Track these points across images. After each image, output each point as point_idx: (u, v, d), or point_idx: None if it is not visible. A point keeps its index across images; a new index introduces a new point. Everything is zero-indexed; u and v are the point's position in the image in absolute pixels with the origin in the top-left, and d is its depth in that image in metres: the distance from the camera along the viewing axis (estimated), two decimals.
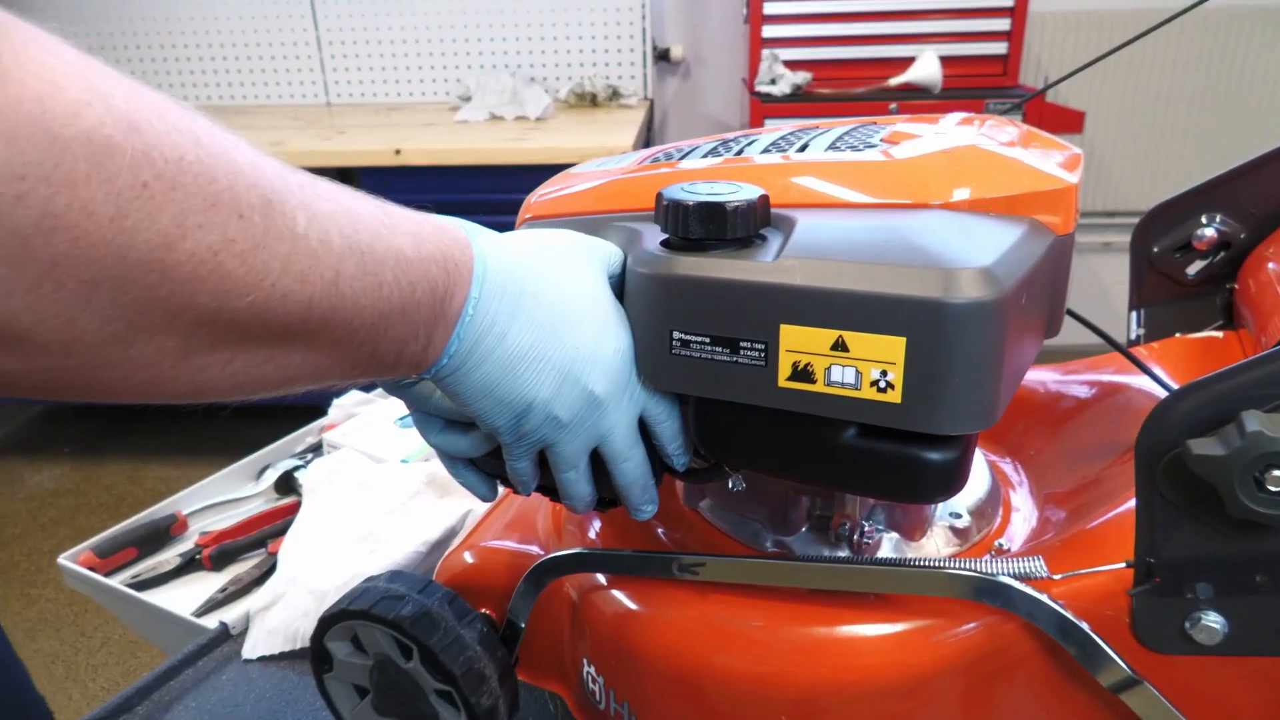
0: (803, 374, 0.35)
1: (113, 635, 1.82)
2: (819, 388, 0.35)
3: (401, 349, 0.35)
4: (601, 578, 0.48)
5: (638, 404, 0.41)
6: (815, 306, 0.34)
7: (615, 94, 2.46)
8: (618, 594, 0.47)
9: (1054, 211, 0.41)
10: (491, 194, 1.90)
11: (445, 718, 0.50)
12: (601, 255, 0.41)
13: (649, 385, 0.40)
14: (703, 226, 0.37)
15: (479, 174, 1.94)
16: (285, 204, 0.29)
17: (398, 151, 1.92)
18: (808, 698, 0.41)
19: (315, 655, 0.53)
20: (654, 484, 0.44)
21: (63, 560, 0.81)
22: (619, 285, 0.42)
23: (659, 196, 0.38)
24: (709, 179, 0.40)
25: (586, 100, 2.44)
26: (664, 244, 0.39)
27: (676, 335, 0.38)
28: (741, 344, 0.36)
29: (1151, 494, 0.34)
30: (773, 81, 2.25)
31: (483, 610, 0.54)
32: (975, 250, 0.34)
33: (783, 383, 0.36)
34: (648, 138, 2.41)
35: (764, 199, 0.37)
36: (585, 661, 0.50)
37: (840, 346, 0.34)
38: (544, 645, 0.53)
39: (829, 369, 0.35)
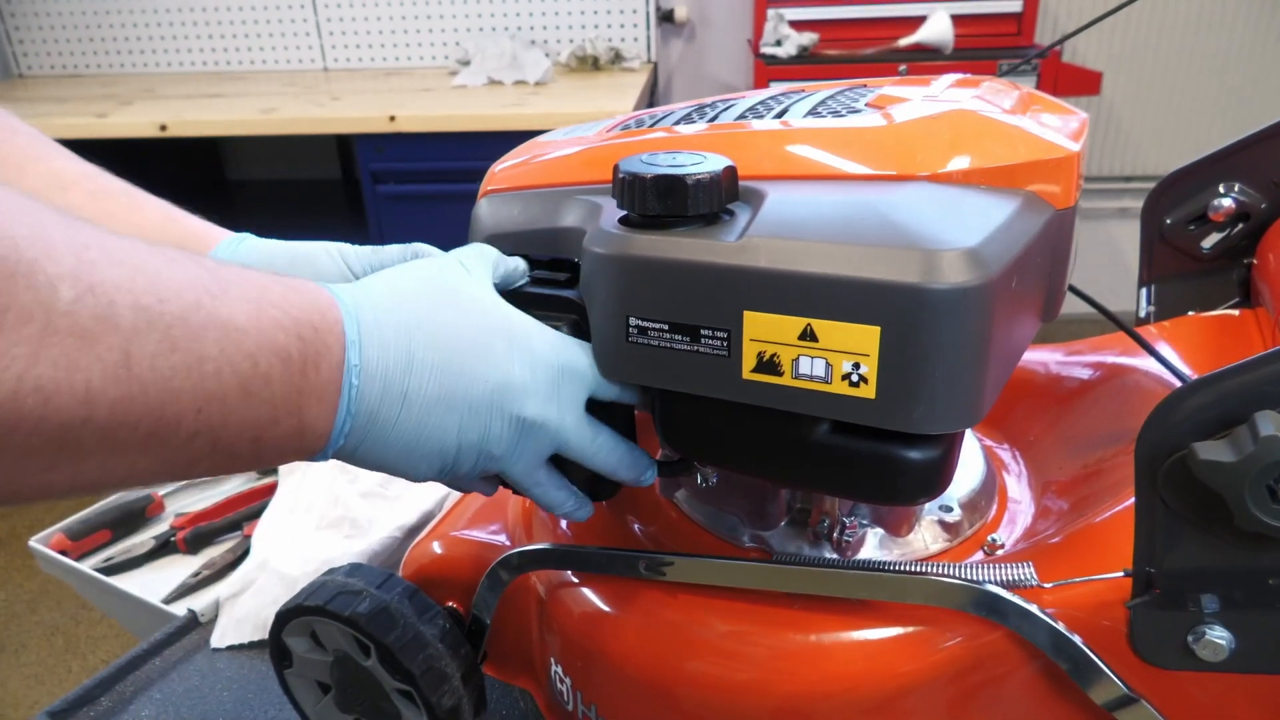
0: (768, 365, 0.32)
1: None
2: (786, 380, 0.32)
3: (259, 435, 0.30)
4: (569, 573, 0.46)
5: (579, 398, 0.37)
6: (781, 291, 0.31)
7: (617, 57, 2.40)
8: (586, 592, 0.45)
9: (1053, 182, 0.37)
10: (488, 161, 1.84)
11: (408, 717, 0.47)
12: (481, 268, 0.38)
13: (607, 376, 0.37)
14: (661, 202, 0.33)
15: (475, 140, 1.89)
16: (38, 275, 0.23)
17: (392, 118, 1.87)
18: (785, 707, 0.39)
19: (274, 651, 0.51)
20: (638, 451, 0.40)
21: (33, 543, 0.79)
22: (512, 293, 0.39)
23: (616, 169, 0.35)
24: (675, 148, 0.37)
25: (588, 64, 2.37)
26: (623, 221, 0.36)
27: (634, 321, 0.35)
28: (702, 332, 0.33)
29: (1152, 500, 0.31)
30: (778, 43, 2.18)
31: (449, 604, 0.52)
32: (960, 229, 0.30)
33: (747, 374, 0.33)
34: (651, 101, 2.35)
35: (730, 171, 0.34)
36: (553, 660, 0.48)
37: (809, 336, 0.31)
38: (513, 641, 0.51)
39: (796, 360, 0.31)
